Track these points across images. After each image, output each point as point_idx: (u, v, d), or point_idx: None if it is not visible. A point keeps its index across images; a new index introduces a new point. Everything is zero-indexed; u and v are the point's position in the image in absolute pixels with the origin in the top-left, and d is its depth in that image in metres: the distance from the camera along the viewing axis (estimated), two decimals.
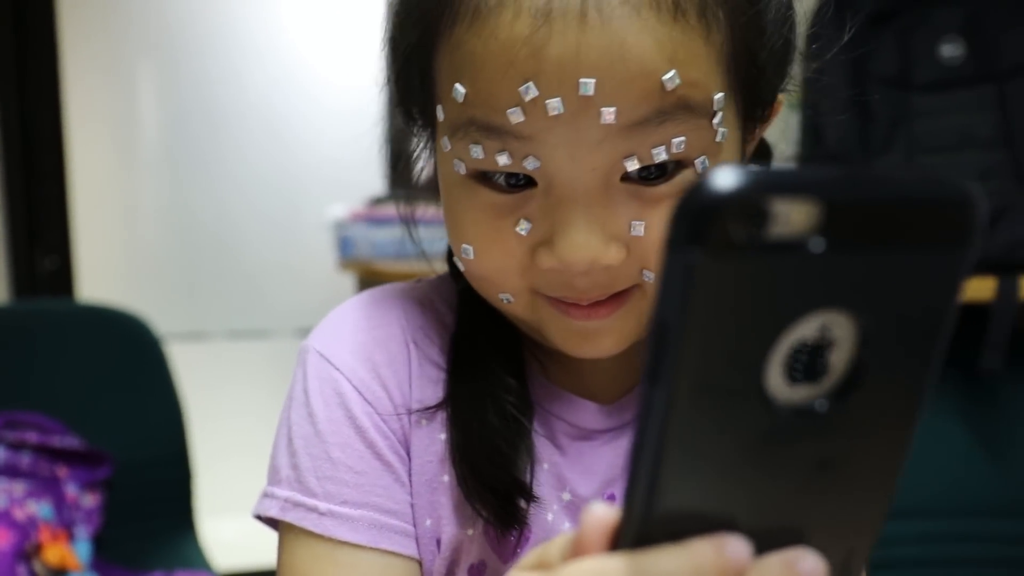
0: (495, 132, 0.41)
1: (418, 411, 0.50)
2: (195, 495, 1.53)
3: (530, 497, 0.48)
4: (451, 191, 0.46)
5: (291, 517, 0.47)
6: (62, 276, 2.11)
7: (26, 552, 1.22)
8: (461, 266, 0.47)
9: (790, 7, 0.46)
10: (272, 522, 0.50)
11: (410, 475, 0.49)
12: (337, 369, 0.49)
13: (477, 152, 0.42)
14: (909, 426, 0.26)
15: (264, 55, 2.26)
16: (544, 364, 0.52)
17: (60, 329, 1.52)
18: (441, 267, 0.57)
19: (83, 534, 1.33)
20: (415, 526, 0.49)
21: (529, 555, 0.31)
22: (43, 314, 1.57)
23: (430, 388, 0.50)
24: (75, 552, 1.27)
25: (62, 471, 1.36)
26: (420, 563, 0.49)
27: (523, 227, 0.43)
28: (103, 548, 1.37)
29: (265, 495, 0.49)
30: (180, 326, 2.21)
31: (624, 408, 0.52)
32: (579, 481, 0.51)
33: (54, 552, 1.23)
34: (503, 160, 0.41)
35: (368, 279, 1.78)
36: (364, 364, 0.49)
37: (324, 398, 0.49)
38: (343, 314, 0.53)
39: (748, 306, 0.22)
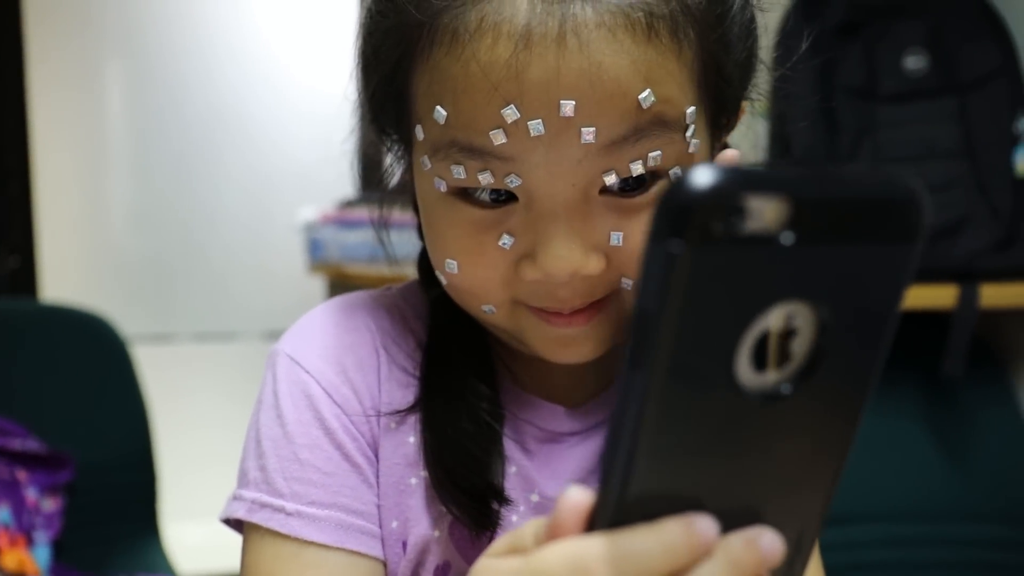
0: (477, 153, 0.42)
1: (388, 414, 0.50)
2: (159, 499, 1.52)
3: (503, 500, 0.49)
4: (432, 207, 0.46)
5: (258, 518, 0.47)
6: (25, 275, 2.10)
7: None
8: (443, 279, 0.47)
9: (753, 20, 0.48)
10: (237, 526, 0.50)
11: (378, 477, 0.50)
12: (307, 372, 0.50)
13: (459, 172, 0.43)
14: (858, 412, 0.28)
15: (235, 56, 2.26)
16: (512, 369, 0.53)
17: (21, 330, 1.49)
18: (412, 271, 0.57)
19: (43, 539, 1.30)
20: (381, 527, 0.50)
21: (500, 541, 0.31)
22: (4, 314, 1.54)
23: (399, 392, 0.51)
24: (34, 558, 1.25)
25: (22, 475, 1.33)
26: (385, 564, 0.50)
27: (505, 241, 0.44)
28: (63, 553, 1.34)
29: (233, 498, 0.50)
30: (146, 327, 2.20)
31: (591, 412, 0.53)
32: (547, 483, 0.52)
33: (11, 557, 1.20)
34: (485, 179, 0.42)
35: (338, 282, 1.77)
36: (334, 367, 0.50)
37: (293, 400, 0.49)
38: (313, 319, 0.54)
39: (723, 296, 0.24)
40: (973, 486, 1.30)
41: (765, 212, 0.23)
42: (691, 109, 0.42)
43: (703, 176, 0.22)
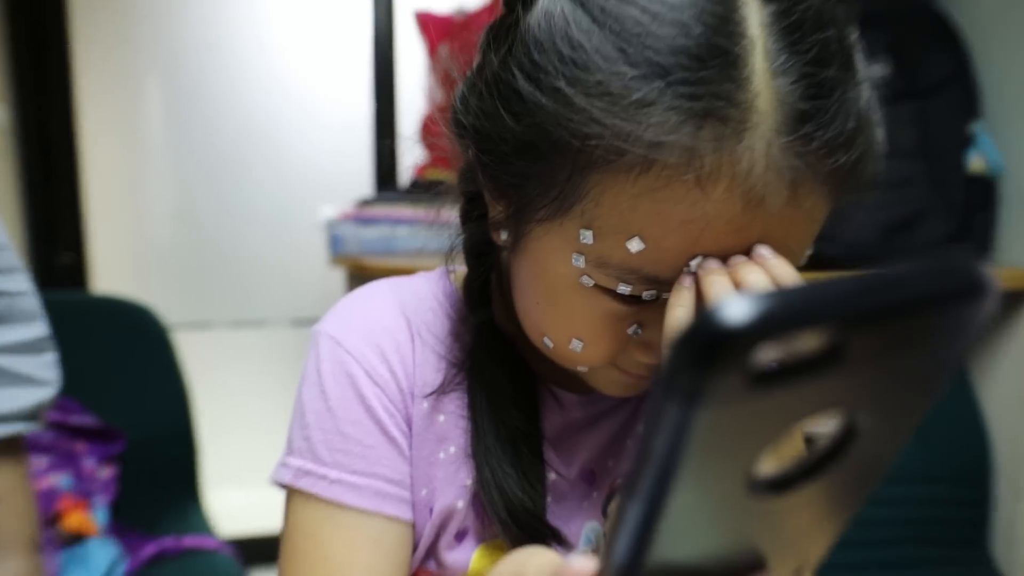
0: (654, 281, 0.39)
1: (425, 395, 0.50)
2: (200, 468, 1.53)
3: (550, 532, 0.50)
4: (563, 291, 0.42)
5: (303, 483, 0.48)
6: (77, 271, 2.09)
7: (49, 519, 1.22)
8: (549, 344, 0.45)
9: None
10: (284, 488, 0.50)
11: (411, 450, 0.50)
12: (349, 353, 0.49)
13: (625, 289, 0.40)
14: (879, 478, 0.24)
15: (261, 72, 2.25)
16: (532, 364, 0.52)
17: (76, 319, 1.51)
18: (422, 263, 0.57)
19: (100, 503, 1.32)
20: (412, 494, 0.50)
21: (506, 565, 0.31)
22: (60, 305, 1.52)
23: (432, 374, 0.50)
24: (93, 518, 1.27)
25: (80, 446, 1.35)
26: (413, 526, 0.50)
27: (635, 330, 0.43)
28: (119, 515, 1.37)
29: (281, 464, 0.50)
30: (185, 316, 2.20)
31: (599, 399, 0.53)
32: (561, 463, 0.52)
33: (74, 519, 1.22)
34: (648, 296, 0.40)
35: (356, 273, 1.78)
36: (373, 350, 0.50)
37: (336, 379, 0.49)
38: (354, 303, 0.53)
39: (748, 427, 0.20)
40: (928, 451, 1.34)
41: (806, 344, 0.18)
42: (808, 253, 0.41)
43: (736, 311, 0.17)
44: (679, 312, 0.38)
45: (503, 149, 0.41)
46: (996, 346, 1.38)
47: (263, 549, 1.97)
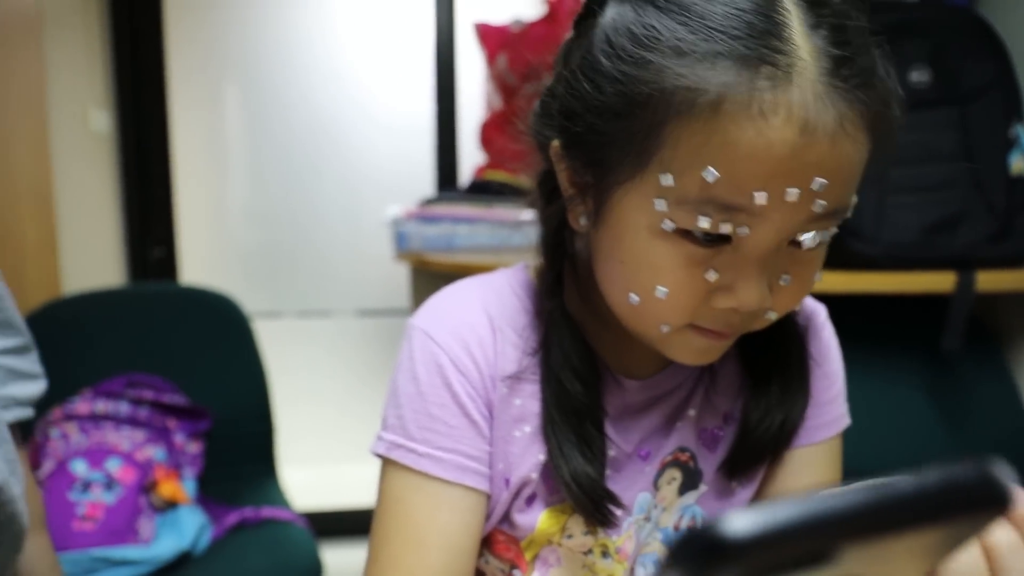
0: (730, 208, 0.41)
1: (503, 379, 0.53)
2: (276, 446, 1.57)
3: (617, 504, 0.53)
4: (645, 240, 0.45)
5: (395, 455, 0.52)
6: (168, 264, 2.14)
7: (145, 487, 1.27)
8: (634, 300, 0.47)
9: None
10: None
11: (491, 430, 0.54)
12: (438, 345, 0.53)
13: (704, 222, 0.42)
14: None
15: (331, 81, 2.29)
16: (597, 349, 0.55)
17: (167, 307, 1.58)
18: (482, 258, 0.59)
19: (189, 474, 1.37)
20: (490, 468, 0.54)
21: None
22: (153, 295, 1.62)
23: (510, 363, 0.54)
24: (184, 488, 1.32)
25: (172, 423, 1.40)
26: (489, 497, 0.54)
27: (712, 275, 0.44)
28: (205, 486, 1.42)
29: (377, 438, 0.55)
30: (261, 306, 2.25)
31: (656, 384, 0.56)
32: (620, 440, 0.56)
33: (167, 487, 1.27)
34: (725, 228, 0.42)
35: (420, 268, 1.79)
36: (459, 343, 0.53)
37: (426, 367, 0.53)
38: (443, 301, 0.57)
39: None
40: (969, 447, 1.29)
41: (807, 556, 0.17)
42: (854, 199, 0.44)
43: (737, 526, 0.16)
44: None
45: (588, 119, 0.45)
46: None
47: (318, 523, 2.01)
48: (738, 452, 0.57)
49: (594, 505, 0.52)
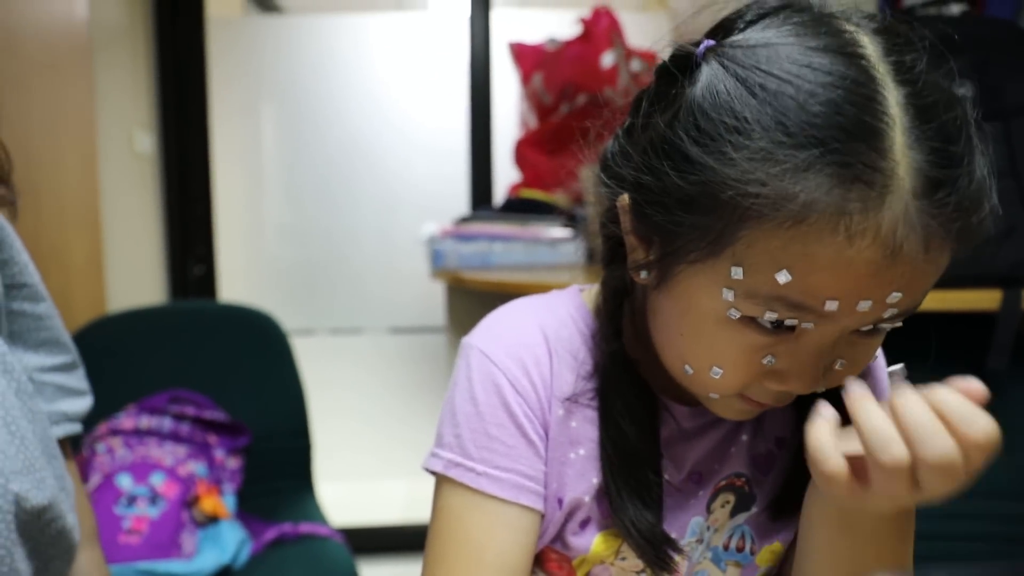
0: (799, 308, 0.41)
1: (560, 400, 0.53)
2: (314, 462, 1.57)
3: (676, 549, 0.54)
4: (711, 324, 0.45)
5: (453, 473, 0.52)
6: (208, 281, 2.17)
7: (188, 502, 1.29)
8: (688, 371, 0.47)
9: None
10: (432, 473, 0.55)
11: (547, 451, 0.54)
12: (496, 365, 0.53)
13: (771, 316, 0.42)
14: None
15: (366, 101, 2.32)
16: (649, 380, 0.55)
17: (207, 324, 1.59)
18: (517, 275, 0.59)
19: (229, 489, 1.38)
20: (544, 488, 0.54)
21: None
22: (194, 312, 1.64)
23: (566, 385, 0.54)
24: (224, 503, 1.33)
25: (212, 439, 1.41)
26: (543, 516, 0.54)
27: (769, 360, 0.45)
28: (243, 502, 1.43)
29: (432, 455, 0.54)
30: (298, 323, 2.26)
31: (707, 411, 0.55)
32: (672, 466, 0.56)
33: (209, 502, 1.28)
34: (791, 323, 0.42)
35: (455, 285, 1.79)
36: (517, 363, 0.53)
37: (484, 387, 0.53)
38: (499, 321, 0.57)
39: None
40: (1014, 466, 1.27)
41: None
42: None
43: None
44: (821, 434, 0.40)
45: (664, 200, 0.44)
46: None
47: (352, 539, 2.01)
48: (794, 479, 0.56)
49: (654, 551, 0.52)
